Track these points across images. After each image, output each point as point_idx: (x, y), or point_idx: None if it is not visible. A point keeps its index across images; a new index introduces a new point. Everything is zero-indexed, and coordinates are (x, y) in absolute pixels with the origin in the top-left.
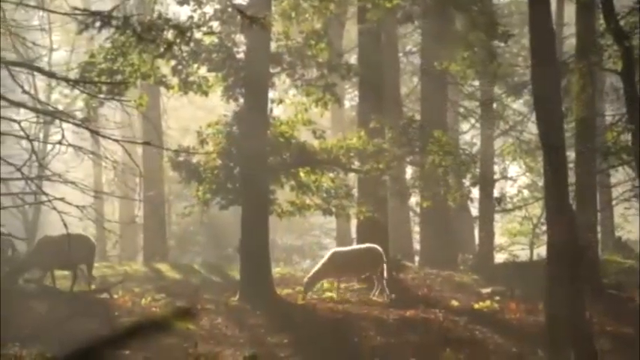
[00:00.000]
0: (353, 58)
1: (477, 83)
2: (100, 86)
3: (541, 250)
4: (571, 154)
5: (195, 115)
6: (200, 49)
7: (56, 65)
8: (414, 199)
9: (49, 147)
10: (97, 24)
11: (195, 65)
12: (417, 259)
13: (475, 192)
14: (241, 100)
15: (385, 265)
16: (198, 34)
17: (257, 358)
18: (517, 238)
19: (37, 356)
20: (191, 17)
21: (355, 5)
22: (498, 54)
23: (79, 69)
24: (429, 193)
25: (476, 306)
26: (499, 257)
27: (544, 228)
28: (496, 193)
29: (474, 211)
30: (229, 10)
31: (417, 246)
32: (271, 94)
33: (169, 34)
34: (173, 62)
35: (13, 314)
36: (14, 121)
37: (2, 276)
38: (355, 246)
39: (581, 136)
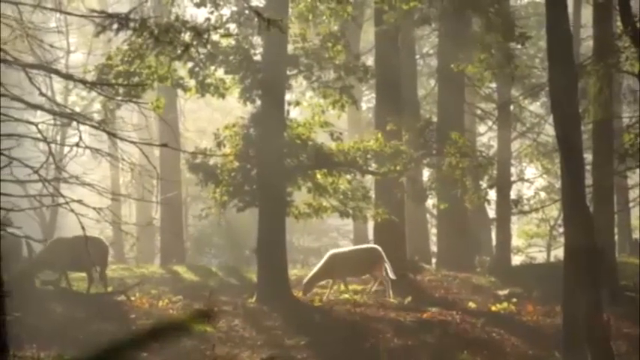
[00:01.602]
0: (370, 60)
1: (494, 85)
2: (117, 88)
3: (558, 252)
4: (588, 156)
5: (213, 117)
6: (217, 51)
7: (73, 67)
8: (431, 201)
9: (67, 149)
10: (115, 26)
11: (213, 67)
12: (434, 260)
13: (492, 194)
14: (258, 102)
15: (388, 265)
16: (215, 37)
17: None
18: (534, 240)
19: (54, 358)
20: (208, 19)
21: (372, 7)
22: (515, 56)
23: (96, 71)
24: (446, 195)
25: (493, 308)
26: (516, 259)
27: (561, 230)
28: (513, 195)
29: (491, 213)
30: (246, 12)
31: (434, 248)
32: (288, 96)
33: (186, 37)
34: (190, 64)
35: (30, 316)
36: (32, 123)
37: (15, 276)
38: (354, 247)
39: (599, 138)
